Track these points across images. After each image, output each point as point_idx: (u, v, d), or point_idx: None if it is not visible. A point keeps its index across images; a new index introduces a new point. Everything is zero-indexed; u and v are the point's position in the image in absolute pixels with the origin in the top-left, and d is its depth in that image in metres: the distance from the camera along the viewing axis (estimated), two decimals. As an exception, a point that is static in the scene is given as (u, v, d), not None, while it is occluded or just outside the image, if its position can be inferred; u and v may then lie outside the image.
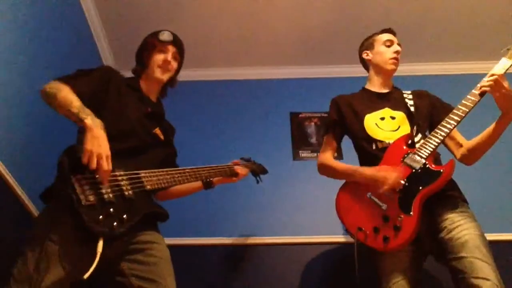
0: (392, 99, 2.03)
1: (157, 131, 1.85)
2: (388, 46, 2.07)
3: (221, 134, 3.07)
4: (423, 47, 3.16)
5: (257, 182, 2.34)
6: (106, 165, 1.44)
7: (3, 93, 2.00)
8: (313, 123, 3.10)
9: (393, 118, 1.95)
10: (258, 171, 2.33)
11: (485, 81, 1.69)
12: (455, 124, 1.73)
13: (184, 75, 3.29)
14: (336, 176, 1.98)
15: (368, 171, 1.80)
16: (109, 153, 1.46)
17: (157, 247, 1.60)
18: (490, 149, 1.86)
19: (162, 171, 1.70)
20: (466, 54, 2.91)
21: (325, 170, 2.02)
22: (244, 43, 3.15)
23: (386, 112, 1.98)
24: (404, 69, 3.13)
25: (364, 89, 2.13)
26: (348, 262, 1.98)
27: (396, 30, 2.15)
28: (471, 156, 1.86)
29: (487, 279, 1.47)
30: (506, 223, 2.56)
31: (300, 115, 3.14)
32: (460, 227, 1.62)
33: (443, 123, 1.76)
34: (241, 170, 2.13)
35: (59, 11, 2.57)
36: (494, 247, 1.95)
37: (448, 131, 1.73)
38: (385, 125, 1.94)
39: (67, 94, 1.55)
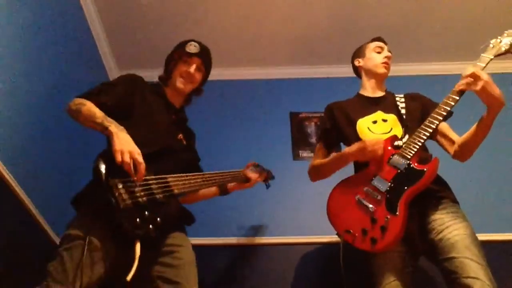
0: (385, 103, 2.08)
1: (181, 136, 1.92)
2: (379, 53, 2.14)
3: (221, 134, 3.10)
4: (420, 47, 3.20)
5: (267, 187, 2.44)
6: (140, 159, 1.48)
7: (4, 94, 2.03)
8: (313, 123, 3.13)
9: (385, 120, 2.00)
10: (268, 177, 2.40)
11: (462, 80, 1.69)
12: (437, 123, 1.75)
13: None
14: (326, 170, 2.04)
15: (353, 146, 1.87)
16: (139, 150, 1.51)
17: (183, 250, 1.64)
18: (489, 148, 1.87)
19: (187, 176, 1.74)
20: (462, 54, 2.92)
21: (315, 171, 2.09)
22: (244, 43, 3.17)
23: (378, 115, 2.03)
24: (401, 69, 3.16)
25: (358, 94, 2.19)
26: (349, 262, 2.02)
27: (392, 30, 2.20)
28: (464, 152, 1.87)
29: (478, 279, 1.49)
30: (502, 223, 2.56)
31: (300, 115, 3.17)
32: (450, 228, 1.65)
33: (426, 122, 1.79)
34: (252, 174, 2.19)
35: (61, 13, 2.59)
36: (493, 247, 1.98)
37: (431, 130, 1.76)
38: (377, 128, 1.98)
39: (90, 108, 1.62)
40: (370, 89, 2.14)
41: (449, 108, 1.74)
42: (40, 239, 2.21)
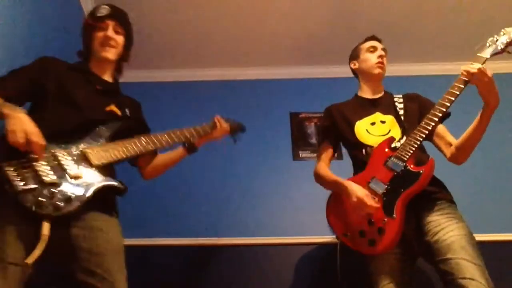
0: (383, 104, 2.07)
1: (113, 107, 1.78)
2: (372, 52, 2.11)
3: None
4: (420, 47, 3.20)
5: (234, 141, 2.21)
6: (36, 137, 1.41)
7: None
8: (313, 123, 3.13)
9: (383, 122, 2.00)
10: (234, 129, 2.16)
11: (470, 68, 1.67)
12: (433, 124, 1.75)
13: (184, 76, 3.39)
14: (326, 186, 2.04)
15: (348, 189, 1.81)
16: (35, 128, 1.43)
17: (105, 236, 1.53)
18: (487, 148, 1.86)
19: (112, 144, 1.64)
20: (461, 54, 2.91)
21: (319, 179, 2.08)
22: (244, 43, 3.17)
23: (377, 116, 2.02)
24: (400, 70, 3.16)
25: (356, 96, 2.18)
26: (346, 263, 2.03)
27: (392, 30, 2.19)
28: (460, 155, 1.87)
29: (473, 279, 1.50)
30: (500, 224, 2.57)
31: (300, 115, 3.18)
32: (446, 229, 1.66)
33: (422, 123, 1.79)
34: (220, 122, 2.02)
35: (58, 9, 2.59)
36: (490, 247, 1.98)
37: (427, 131, 1.76)
38: (375, 130, 1.97)
39: None
40: (368, 91, 2.14)
41: (445, 109, 1.74)
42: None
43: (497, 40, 1.74)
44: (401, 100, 2.06)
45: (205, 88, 3.31)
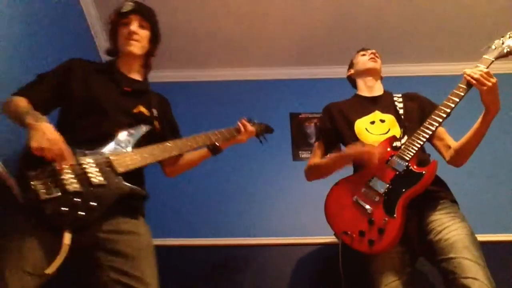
0: (382, 102, 2.09)
1: (141, 108, 1.78)
2: (364, 55, 2.20)
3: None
4: (420, 48, 3.21)
5: (261, 142, 2.24)
6: (59, 145, 1.40)
7: (3, 94, 2.03)
8: (312, 124, 3.14)
9: (382, 121, 2.00)
10: (261, 130, 2.20)
11: (473, 72, 1.69)
12: (437, 125, 1.76)
13: (184, 76, 3.39)
14: (323, 170, 2.02)
15: (352, 149, 1.85)
16: (58, 136, 1.42)
17: (136, 238, 1.55)
18: (488, 149, 1.87)
19: (136, 150, 1.63)
20: (460, 55, 2.93)
21: (312, 171, 2.09)
22: (244, 43, 3.18)
23: (376, 115, 2.03)
24: (400, 70, 3.17)
25: (355, 95, 2.21)
26: (348, 263, 2.02)
27: (392, 30, 2.20)
28: (459, 158, 1.88)
29: (476, 279, 1.50)
30: (501, 224, 2.57)
31: (300, 116, 3.19)
32: (448, 228, 1.66)
33: (426, 124, 1.80)
34: (244, 125, 2.02)
35: (59, 11, 2.59)
36: (493, 248, 1.98)
37: (430, 132, 1.76)
38: (375, 129, 1.98)
39: (16, 103, 1.56)
40: (366, 89, 2.16)
41: (449, 110, 1.75)
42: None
43: (503, 43, 1.75)
44: (401, 99, 2.08)
45: (205, 88, 3.32)
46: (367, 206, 1.76)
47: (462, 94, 1.73)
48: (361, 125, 2.02)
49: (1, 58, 2.00)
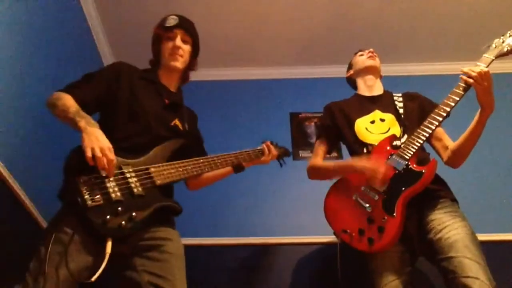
0: (382, 102, 2.09)
1: (177, 122, 1.84)
2: (362, 55, 2.22)
3: (221, 134, 3.12)
4: (420, 47, 3.22)
5: (281, 165, 2.34)
6: (111, 155, 1.45)
7: (4, 94, 2.03)
8: (313, 123, 3.15)
9: (382, 120, 2.01)
10: (281, 154, 2.32)
11: (471, 70, 1.69)
12: (437, 124, 1.76)
13: (184, 76, 3.35)
14: (327, 174, 2.03)
15: (358, 163, 1.85)
16: (110, 145, 1.47)
17: (170, 244, 1.58)
18: (488, 148, 1.87)
19: (173, 164, 1.68)
20: (460, 55, 2.94)
21: (315, 171, 2.09)
22: (244, 43, 3.19)
23: (376, 115, 2.04)
24: (400, 70, 3.17)
25: (355, 94, 2.22)
26: (347, 262, 2.02)
27: (392, 30, 2.20)
28: (456, 158, 1.88)
29: (477, 278, 1.49)
30: (502, 223, 2.57)
31: (300, 115, 3.19)
32: (449, 227, 1.65)
33: (425, 122, 1.79)
34: (269, 148, 2.12)
35: (60, 12, 2.60)
36: (493, 247, 1.98)
37: (430, 131, 1.76)
38: (375, 128, 1.98)
39: (65, 102, 1.58)
40: (366, 88, 2.16)
41: (449, 109, 1.75)
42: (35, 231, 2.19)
43: (503, 42, 1.75)
44: (401, 98, 2.08)
45: (205, 88, 3.32)
46: (367, 205, 1.76)
47: (462, 92, 1.73)
48: (361, 124, 2.02)
49: (2, 60, 2.01)
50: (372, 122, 2.02)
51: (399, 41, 3.07)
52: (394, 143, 1.89)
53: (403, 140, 1.89)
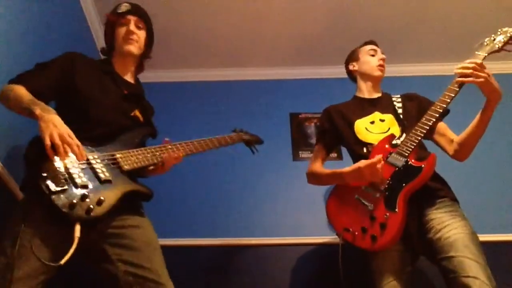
0: (381, 103, 2.11)
1: (137, 113, 1.83)
2: (373, 56, 2.18)
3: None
4: (419, 48, 3.22)
5: (253, 152, 2.35)
6: (71, 140, 1.43)
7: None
8: (312, 124, 3.14)
9: (382, 120, 2.02)
10: (252, 141, 2.32)
11: (465, 68, 1.70)
12: (434, 120, 1.78)
13: (184, 76, 3.40)
14: (324, 180, 2.07)
15: (351, 167, 1.85)
16: (68, 130, 1.45)
17: (142, 231, 1.58)
18: (489, 147, 1.87)
19: (140, 150, 1.68)
20: (460, 55, 2.92)
21: (314, 178, 2.11)
22: (244, 44, 3.19)
23: (376, 116, 2.06)
24: (399, 70, 3.18)
25: (354, 97, 2.22)
26: (348, 262, 2.03)
27: (391, 30, 2.21)
28: (463, 151, 1.88)
29: (477, 278, 1.50)
30: (502, 224, 2.58)
31: (300, 116, 3.19)
32: (449, 227, 1.66)
33: (423, 120, 1.81)
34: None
35: (58, 10, 2.60)
36: (493, 248, 1.98)
37: (427, 127, 1.78)
38: (375, 128, 2.00)
39: (18, 92, 1.55)
40: (366, 91, 2.17)
41: (445, 105, 1.77)
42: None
43: (494, 39, 1.79)
44: (400, 99, 2.11)
45: (205, 88, 3.32)
46: (368, 203, 1.77)
47: (457, 89, 1.75)
48: (361, 124, 2.04)
49: (1, 60, 2.01)
50: (372, 122, 2.03)
51: (398, 41, 3.08)
52: (393, 142, 1.91)
53: (402, 139, 1.90)
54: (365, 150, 1.96)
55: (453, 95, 1.75)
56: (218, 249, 2.55)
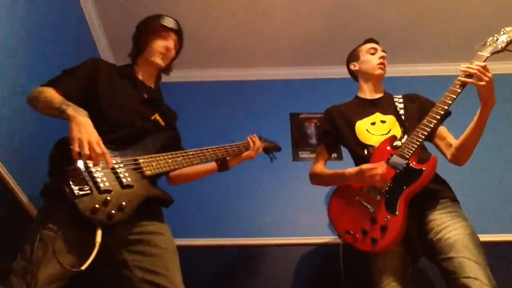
0: (383, 104, 2.10)
1: (157, 117, 1.84)
2: (373, 54, 2.16)
3: (221, 134, 3.11)
4: (419, 48, 3.23)
5: (271, 159, 2.33)
6: (99, 148, 1.42)
7: (3, 93, 2.02)
8: (313, 124, 3.15)
9: (383, 122, 2.02)
10: (270, 148, 2.30)
11: (470, 68, 1.70)
12: (435, 122, 1.78)
13: (184, 76, 3.40)
14: (326, 181, 2.07)
15: (354, 169, 1.86)
16: (98, 137, 1.45)
17: (161, 238, 1.58)
18: (489, 148, 1.87)
19: (162, 155, 1.69)
20: (460, 55, 2.93)
21: (316, 178, 2.11)
22: (244, 44, 3.19)
23: (377, 117, 2.05)
24: (399, 70, 3.18)
25: (356, 97, 2.21)
26: (349, 263, 2.03)
27: (392, 31, 2.21)
28: (461, 155, 1.88)
29: (477, 279, 1.51)
30: (503, 224, 2.58)
31: (300, 116, 3.19)
32: (449, 228, 1.66)
33: (424, 121, 1.81)
34: (253, 140, 2.09)
35: (60, 12, 2.61)
36: (494, 248, 1.98)
37: (429, 129, 1.78)
38: (375, 130, 1.99)
39: (48, 94, 1.57)
40: (368, 92, 2.16)
41: (446, 107, 1.76)
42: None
43: (497, 39, 1.77)
44: (401, 100, 2.10)
45: (205, 89, 3.32)
46: (369, 205, 1.78)
47: (459, 90, 1.74)
48: (362, 126, 2.03)
49: (1, 60, 2.01)
50: (373, 123, 2.03)
51: (399, 42, 3.08)
52: (395, 143, 1.91)
53: (403, 141, 1.90)
54: (366, 152, 1.96)
55: (455, 97, 1.74)
56: (218, 249, 2.56)
